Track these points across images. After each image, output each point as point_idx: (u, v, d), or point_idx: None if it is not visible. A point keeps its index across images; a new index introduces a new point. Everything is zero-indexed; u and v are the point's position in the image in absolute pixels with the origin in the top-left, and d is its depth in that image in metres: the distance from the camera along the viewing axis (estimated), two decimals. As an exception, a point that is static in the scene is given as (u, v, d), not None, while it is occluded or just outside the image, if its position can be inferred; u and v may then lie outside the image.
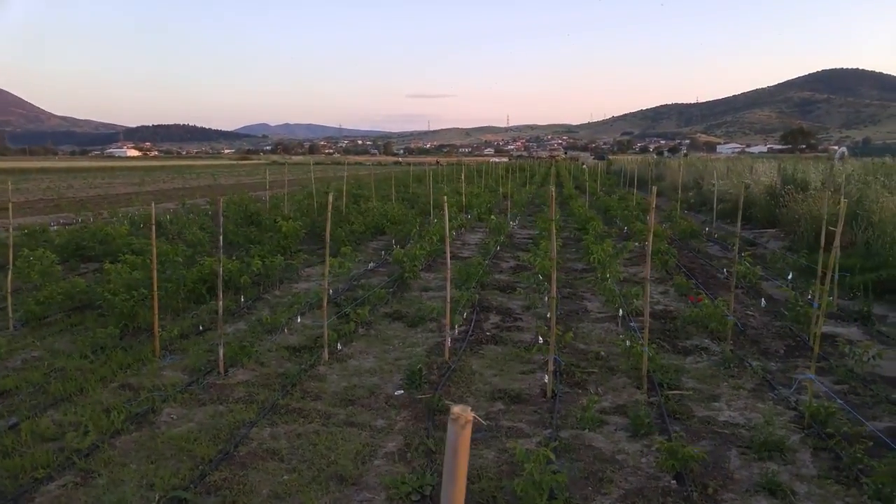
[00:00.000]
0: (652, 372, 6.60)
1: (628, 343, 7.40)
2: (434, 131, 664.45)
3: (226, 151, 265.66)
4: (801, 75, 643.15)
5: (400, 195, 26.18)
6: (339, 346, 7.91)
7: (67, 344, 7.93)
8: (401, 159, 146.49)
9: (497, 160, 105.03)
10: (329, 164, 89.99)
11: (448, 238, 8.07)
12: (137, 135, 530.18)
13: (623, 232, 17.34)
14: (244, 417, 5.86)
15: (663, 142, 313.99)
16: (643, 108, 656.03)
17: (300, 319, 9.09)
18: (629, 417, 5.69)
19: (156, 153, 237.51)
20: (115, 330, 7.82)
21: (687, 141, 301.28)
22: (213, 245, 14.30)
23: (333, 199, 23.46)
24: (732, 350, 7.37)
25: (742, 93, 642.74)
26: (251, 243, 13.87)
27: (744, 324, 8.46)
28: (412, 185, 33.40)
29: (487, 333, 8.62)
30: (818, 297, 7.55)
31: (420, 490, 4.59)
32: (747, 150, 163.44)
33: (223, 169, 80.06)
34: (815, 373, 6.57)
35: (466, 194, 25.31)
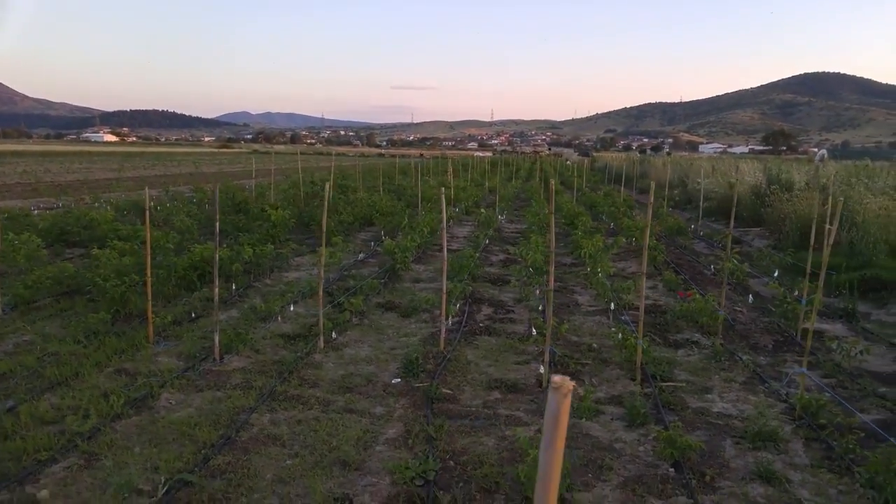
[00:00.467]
0: (645, 364, 6.71)
1: (620, 336, 7.51)
2: (417, 124, 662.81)
3: (206, 139, 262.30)
4: (784, 78, 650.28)
5: (386, 187, 26.16)
6: (334, 335, 7.93)
7: (59, 329, 7.87)
8: (384, 151, 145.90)
9: (481, 154, 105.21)
10: (311, 155, 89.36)
11: (444, 230, 8.12)
12: (114, 119, 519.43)
13: (610, 228, 17.50)
14: (243, 403, 5.88)
15: (646, 140, 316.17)
16: (627, 106, 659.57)
17: (293, 308, 9.10)
18: (625, 408, 5.80)
19: (134, 139, 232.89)
20: (107, 315, 7.78)
21: (670, 140, 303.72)
22: (201, 232, 14.25)
23: (319, 190, 23.38)
24: (722, 344, 7.51)
25: (725, 93, 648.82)
26: (239, 231, 13.81)
27: (733, 319, 8.62)
28: (398, 178, 33.39)
29: (481, 325, 8.70)
30: (807, 295, 7.75)
31: (423, 475, 4.64)
32: (729, 151, 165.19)
33: (204, 157, 79.15)
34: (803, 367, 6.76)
35: (453, 188, 25.34)
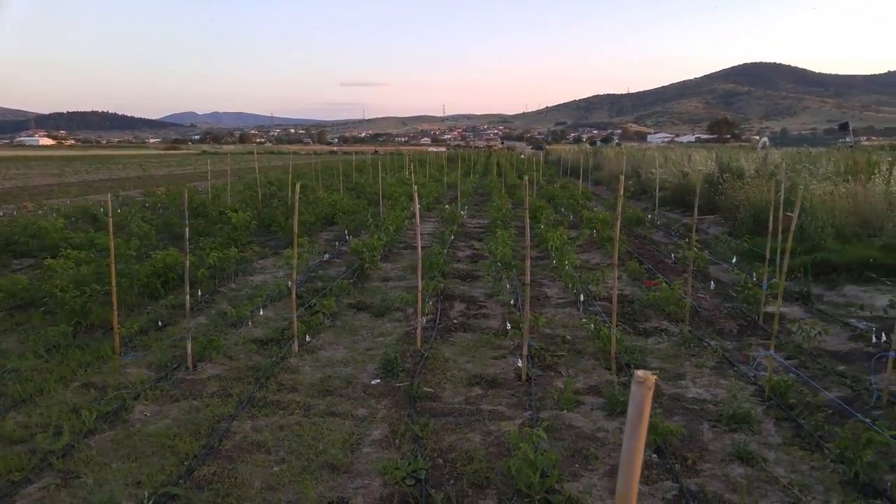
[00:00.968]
0: (618, 353, 6.85)
1: (592, 326, 7.66)
2: (369, 120, 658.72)
3: (151, 141, 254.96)
4: (725, 68, 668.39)
5: (344, 185, 25.99)
6: (308, 338, 7.87)
7: (16, 344, 7.57)
8: (336, 148, 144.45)
9: (434, 150, 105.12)
10: (263, 154, 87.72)
11: (418, 228, 8.14)
12: (50, 122, 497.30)
13: (570, 220, 17.75)
14: (222, 411, 5.80)
15: (596, 132, 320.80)
16: (576, 99, 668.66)
17: (262, 312, 8.98)
18: (604, 397, 5.92)
19: (72, 142, 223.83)
20: (68, 328, 7.49)
21: (619, 131, 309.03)
22: (159, 238, 13.92)
23: (277, 190, 23.02)
24: (690, 331, 7.73)
25: (671, 83, 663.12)
26: (200, 235, 13.53)
27: (698, 306, 8.86)
28: (354, 175, 33.20)
29: (455, 321, 8.74)
30: (767, 280, 8.02)
31: (414, 474, 4.66)
32: (676, 140, 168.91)
33: (151, 159, 76.95)
34: (767, 350, 7.01)
35: (413, 184, 25.29)
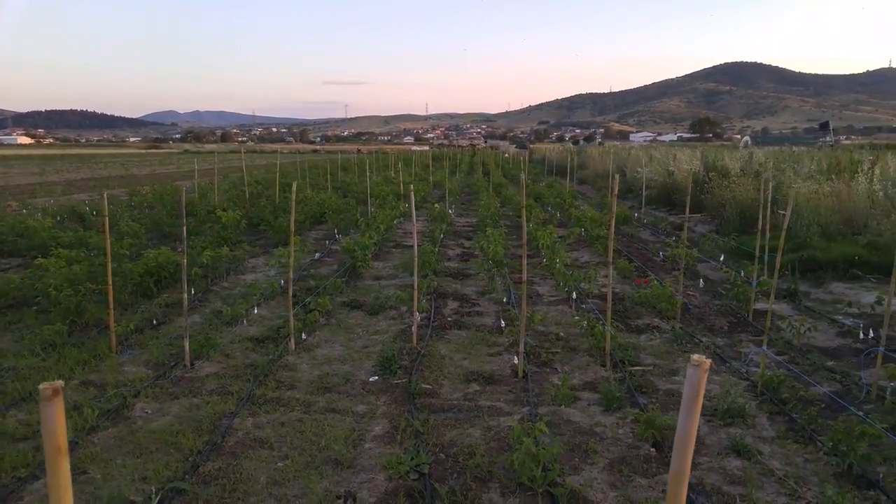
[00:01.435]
0: (613, 350, 6.97)
1: (585, 324, 7.77)
2: (351, 119, 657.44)
3: (131, 139, 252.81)
4: (707, 67, 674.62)
5: (331, 184, 25.98)
6: (304, 336, 7.91)
7: (11, 343, 7.57)
8: (319, 147, 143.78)
9: (417, 148, 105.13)
10: (245, 153, 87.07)
11: (414, 226, 8.20)
12: (28, 120, 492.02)
13: (558, 218, 17.90)
14: (223, 409, 5.83)
15: (578, 131, 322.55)
16: (559, 98, 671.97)
17: (256, 310, 9.01)
18: (600, 393, 6.02)
19: (51, 140, 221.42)
20: (63, 327, 7.48)
21: (601, 130, 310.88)
22: (148, 237, 13.88)
23: (264, 189, 22.97)
24: (681, 328, 7.86)
25: (653, 83, 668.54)
26: (190, 234, 13.50)
27: (688, 303, 9.01)
28: (340, 174, 33.19)
29: (449, 319, 8.82)
30: (757, 277, 8.19)
31: (417, 469, 4.74)
32: (659, 139, 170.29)
33: (132, 158, 76.21)
34: (758, 346, 7.15)
35: (400, 183, 25.35)
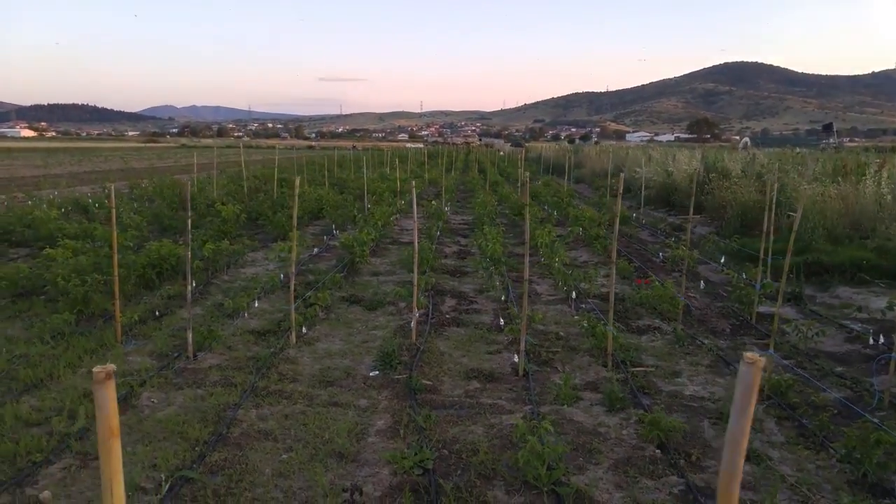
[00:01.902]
0: (614, 351, 7.00)
1: (586, 324, 7.82)
2: (346, 115, 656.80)
3: (130, 134, 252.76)
4: (706, 67, 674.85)
5: (327, 180, 25.98)
6: (305, 330, 7.95)
7: (21, 330, 7.67)
8: (314, 143, 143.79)
9: (412, 146, 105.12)
10: (242, 148, 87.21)
11: (416, 222, 8.23)
12: (31, 114, 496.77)
13: (555, 217, 17.94)
14: (227, 400, 5.87)
15: (574, 129, 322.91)
16: (554, 97, 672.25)
17: (257, 304, 9.04)
18: (602, 393, 6.06)
19: (53, 134, 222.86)
20: (71, 316, 7.60)
21: (597, 129, 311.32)
22: (150, 229, 13.89)
23: (263, 184, 22.96)
24: (683, 329, 7.89)
25: (650, 82, 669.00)
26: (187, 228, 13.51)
27: (689, 304, 9.04)
28: (336, 170, 33.21)
29: (447, 316, 8.85)
30: (760, 280, 8.24)
31: (421, 464, 4.77)
32: (656, 139, 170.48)
33: (131, 152, 76.32)
34: (762, 349, 7.18)
35: (397, 180, 25.35)
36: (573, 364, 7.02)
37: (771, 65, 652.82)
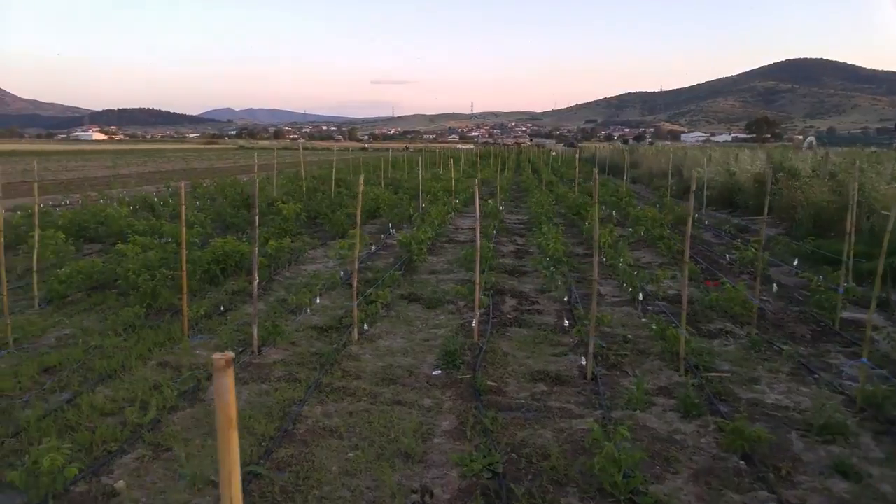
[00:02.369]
0: (686, 354, 6.71)
1: (654, 326, 7.54)
2: (398, 117, 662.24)
3: (191, 136, 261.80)
4: (766, 65, 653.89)
5: (378, 180, 26.17)
6: (366, 327, 7.91)
7: (95, 322, 7.93)
8: (367, 145, 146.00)
9: (462, 147, 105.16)
10: (297, 150, 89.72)
11: (479, 221, 8.11)
12: (103, 118, 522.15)
13: (615, 217, 17.55)
14: (292, 396, 5.86)
15: (627, 130, 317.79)
16: (607, 97, 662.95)
17: (318, 300, 9.06)
18: (676, 399, 5.80)
19: (121, 137, 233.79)
20: (141, 310, 7.83)
21: (651, 129, 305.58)
22: (213, 226, 14.16)
23: (320, 184, 23.24)
24: (758, 334, 7.51)
25: (706, 81, 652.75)
26: (251, 225, 13.72)
27: (764, 308, 8.62)
28: (389, 171, 33.43)
29: (508, 316, 8.69)
30: (843, 283, 7.79)
31: (491, 468, 4.62)
32: (712, 139, 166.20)
33: (192, 153, 79.24)
34: (849, 357, 6.76)
35: (451, 179, 25.28)
36: (643, 368, 6.77)
37: (836, 61, 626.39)
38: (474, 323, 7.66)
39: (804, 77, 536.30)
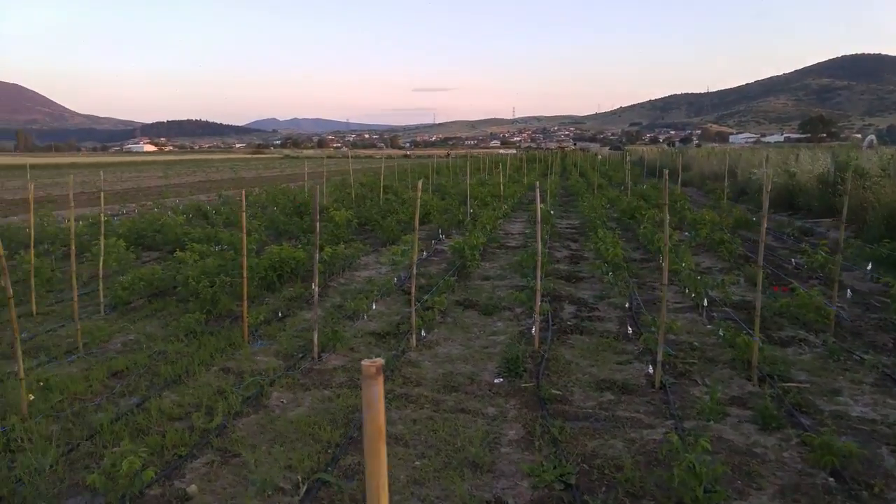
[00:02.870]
0: (759, 363, 6.43)
1: (722, 333, 7.27)
2: (439, 124, 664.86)
3: (237, 146, 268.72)
4: (820, 62, 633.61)
5: (427, 186, 26.14)
6: (424, 333, 7.84)
7: (158, 328, 8.08)
8: (409, 152, 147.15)
9: (504, 152, 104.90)
10: (341, 158, 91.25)
11: (539, 225, 7.97)
12: (153, 130, 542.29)
13: (672, 221, 17.15)
14: (354, 402, 5.81)
15: (673, 132, 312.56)
16: (652, 99, 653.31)
17: (374, 306, 9.04)
18: (752, 409, 5.54)
19: (170, 148, 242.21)
20: (202, 316, 7.91)
21: (698, 131, 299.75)
22: (266, 234, 14.36)
23: (368, 191, 23.38)
24: (835, 342, 7.16)
25: (755, 81, 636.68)
26: (304, 233, 13.88)
27: (840, 315, 8.22)
28: (433, 177, 33.48)
29: (568, 323, 8.50)
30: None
31: (563, 479, 4.48)
32: (762, 140, 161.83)
33: (239, 163, 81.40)
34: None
35: (500, 185, 25.13)
36: (713, 377, 6.51)
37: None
38: (535, 330, 7.51)
39: (862, 73, 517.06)
